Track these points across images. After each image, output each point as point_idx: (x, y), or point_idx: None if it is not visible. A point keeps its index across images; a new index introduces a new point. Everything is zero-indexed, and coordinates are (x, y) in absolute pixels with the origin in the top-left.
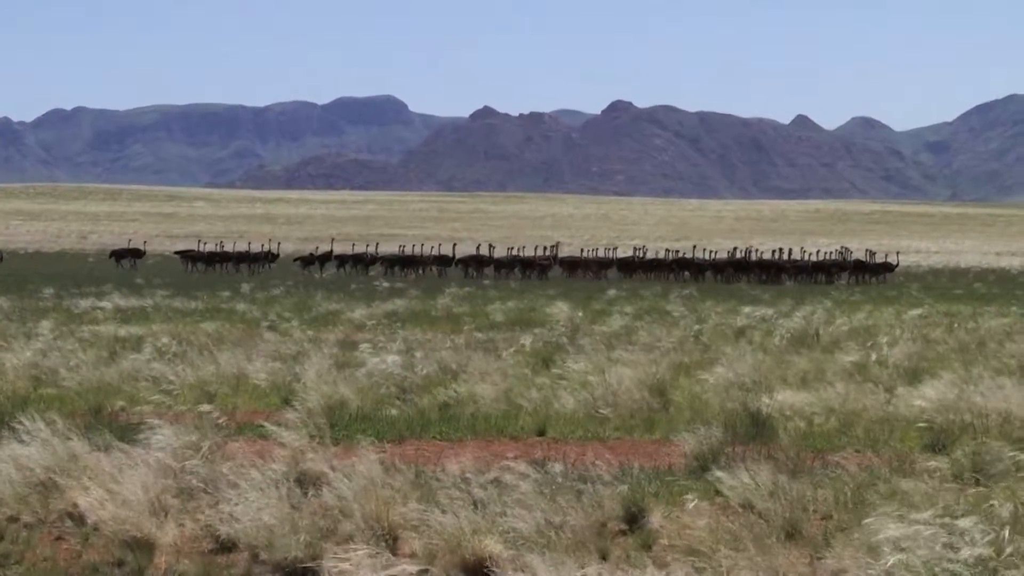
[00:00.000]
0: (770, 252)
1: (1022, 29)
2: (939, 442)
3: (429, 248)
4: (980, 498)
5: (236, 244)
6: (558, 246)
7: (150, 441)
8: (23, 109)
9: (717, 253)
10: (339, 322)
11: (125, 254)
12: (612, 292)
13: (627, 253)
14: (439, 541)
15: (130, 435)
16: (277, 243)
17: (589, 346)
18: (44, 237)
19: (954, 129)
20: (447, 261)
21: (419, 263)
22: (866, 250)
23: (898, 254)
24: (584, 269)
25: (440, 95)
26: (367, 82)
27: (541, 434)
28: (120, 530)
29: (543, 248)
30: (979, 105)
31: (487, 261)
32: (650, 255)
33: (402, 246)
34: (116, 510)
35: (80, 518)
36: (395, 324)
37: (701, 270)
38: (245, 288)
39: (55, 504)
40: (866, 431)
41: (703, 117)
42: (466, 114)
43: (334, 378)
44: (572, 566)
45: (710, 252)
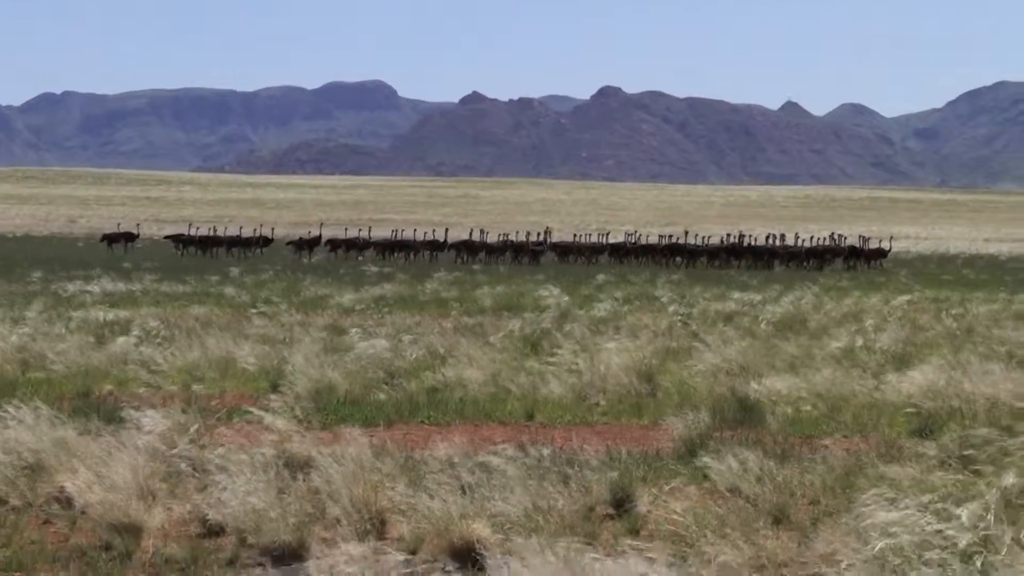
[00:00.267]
0: (764, 238)
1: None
2: (927, 428)
3: (422, 233)
4: (967, 484)
5: (227, 229)
6: (550, 232)
7: (138, 425)
8: (12, 93)
9: (710, 239)
10: (327, 306)
11: (118, 237)
12: (601, 277)
13: (619, 239)
14: (427, 525)
15: (118, 419)
16: (271, 228)
17: (577, 331)
18: (33, 221)
19: (943, 116)
20: (439, 246)
21: (412, 248)
22: (859, 236)
23: (891, 239)
24: (576, 254)
25: (430, 80)
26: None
27: (529, 419)
28: (108, 514)
29: (536, 234)
30: (968, 92)
31: (479, 246)
32: (642, 240)
33: (395, 231)
34: (104, 494)
35: (68, 502)
36: (383, 309)
37: (695, 256)
38: (234, 272)
39: (43, 488)
40: (854, 417)
41: (692, 103)
42: (455, 99)
43: (322, 362)
44: (560, 550)
45: (703, 238)
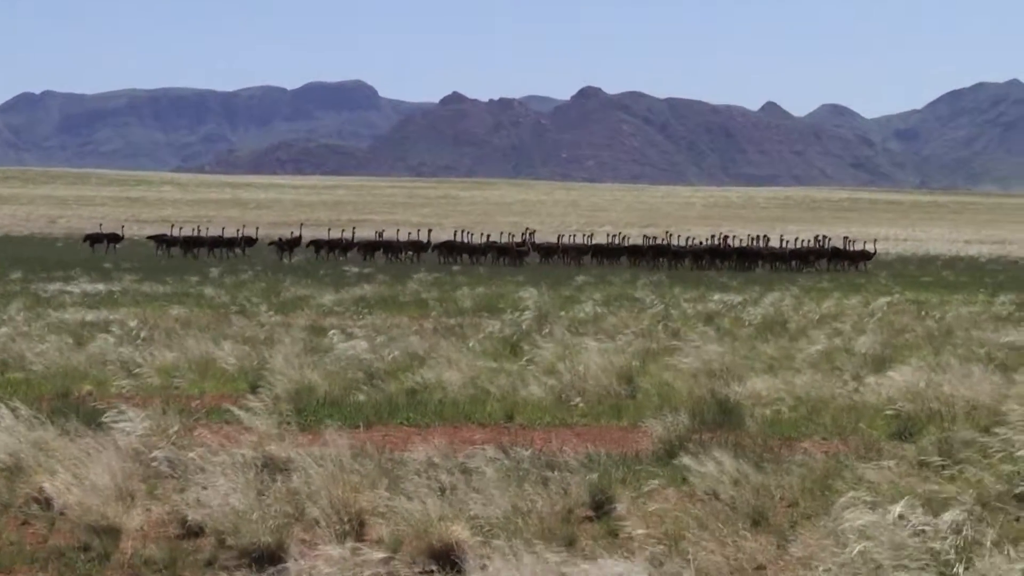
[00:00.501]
0: (747, 239)
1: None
2: (906, 430)
3: (406, 234)
4: (945, 486)
5: (209, 229)
6: (533, 233)
7: (117, 426)
8: None
9: (693, 240)
10: (307, 307)
11: (101, 238)
12: (581, 278)
13: (601, 240)
14: (406, 527)
15: (97, 419)
16: (256, 228)
17: (557, 332)
18: (12, 221)
19: (923, 117)
20: (422, 247)
21: (395, 248)
22: (844, 237)
23: (875, 242)
24: (561, 255)
25: (410, 81)
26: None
27: (509, 420)
28: (86, 515)
29: (520, 235)
30: (948, 93)
31: (463, 247)
32: (626, 242)
33: (378, 232)
34: (83, 495)
35: (47, 503)
36: (363, 310)
37: (679, 257)
38: (214, 273)
39: (21, 488)
40: (833, 419)
41: (672, 104)
42: (436, 99)
43: (302, 363)
44: (539, 552)
45: (687, 239)
